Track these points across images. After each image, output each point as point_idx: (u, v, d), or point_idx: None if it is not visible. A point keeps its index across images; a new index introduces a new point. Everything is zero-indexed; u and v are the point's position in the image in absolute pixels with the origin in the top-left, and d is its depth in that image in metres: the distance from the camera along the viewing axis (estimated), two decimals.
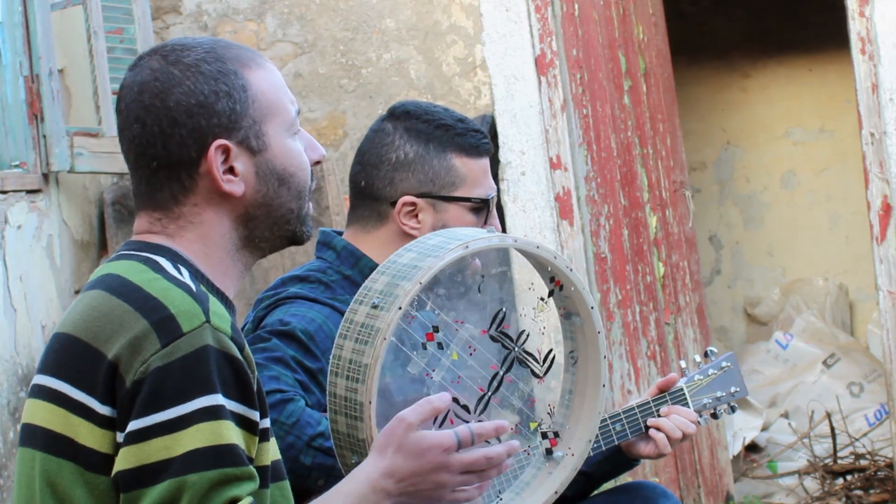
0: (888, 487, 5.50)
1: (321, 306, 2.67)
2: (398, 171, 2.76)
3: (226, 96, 1.94)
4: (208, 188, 1.96)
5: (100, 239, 5.01)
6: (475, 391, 2.16)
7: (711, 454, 5.21)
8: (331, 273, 2.77)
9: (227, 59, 1.96)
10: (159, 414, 1.79)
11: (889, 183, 4.58)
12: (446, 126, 2.78)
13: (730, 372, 2.91)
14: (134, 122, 1.95)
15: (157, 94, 1.93)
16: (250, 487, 1.81)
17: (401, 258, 2.11)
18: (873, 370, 6.27)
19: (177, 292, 1.85)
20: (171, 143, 1.93)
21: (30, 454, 1.90)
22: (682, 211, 5.29)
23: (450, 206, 2.77)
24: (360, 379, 2.01)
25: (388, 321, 2.02)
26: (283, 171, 2.00)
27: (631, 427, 2.79)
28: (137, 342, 1.81)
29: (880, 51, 4.55)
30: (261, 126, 1.97)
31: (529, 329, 2.27)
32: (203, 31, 5.28)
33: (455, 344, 2.16)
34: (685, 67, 6.98)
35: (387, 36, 5.13)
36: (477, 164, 2.79)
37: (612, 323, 4.85)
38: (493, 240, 2.13)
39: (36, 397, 1.91)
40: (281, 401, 2.48)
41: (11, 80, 4.50)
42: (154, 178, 1.96)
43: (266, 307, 2.72)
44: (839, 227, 7.39)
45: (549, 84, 4.78)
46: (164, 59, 1.96)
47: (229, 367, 1.83)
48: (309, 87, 5.18)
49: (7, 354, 4.22)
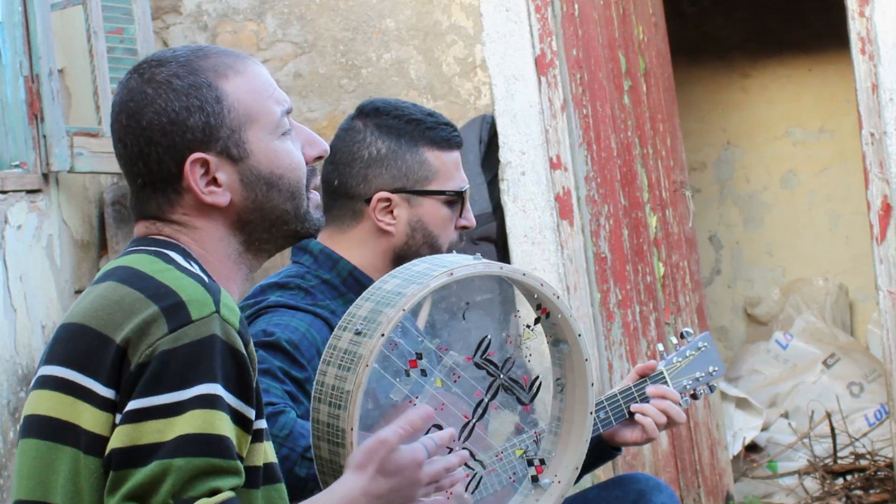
0: (888, 487, 5.50)
1: (303, 314, 2.66)
2: (371, 167, 2.76)
3: (198, 110, 1.96)
4: (194, 200, 1.98)
5: (100, 239, 5.01)
6: (459, 418, 2.16)
7: (711, 454, 5.21)
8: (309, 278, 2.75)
9: (200, 72, 1.98)
10: (158, 396, 1.80)
11: (889, 183, 4.58)
12: (417, 121, 2.78)
13: (707, 352, 2.92)
14: (117, 142, 2.00)
15: (133, 115, 1.97)
16: (234, 482, 1.81)
17: (385, 284, 2.11)
18: (873, 370, 6.26)
19: (188, 281, 1.87)
20: (151, 161, 1.96)
21: (32, 444, 1.90)
22: (682, 211, 5.29)
23: (424, 200, 2.77)
24: (343, 405, 2.02)
25: (370, 348, 2.02)
26: (270, 175, 2.00)
27: (614, 414, 2.78)
28: (146, 326, 1.83)
29: (880, 51, 4.55)
30: (240, 134, 1.98)
31: (514, 356, 2.27)
32: (203, 31, 5.28)
33: (439, 371, 2.16)
34: (685, 67, 6.98)
35: (387, 36, 5.13)
36: (449, 157, 2.80)
37: (612, 323, 4.85)
38: (479, 267, 2.12)
39: (41, 388, 1.91)
40: (273, 413, 2.47)
41: (11, 80, 4.50)
42: (142, 193, 2.00)
43: (247, 317, 2.71)
44: (839, 227, 7.39)
45: (549, 84, 4.78)
46: (140, 78, 1.98)
47: (233, 360, 1.84)
48: (309, 87, 5.18)
49: (7, 354, 4.22)
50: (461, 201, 2.80)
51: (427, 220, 2.77)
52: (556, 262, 4.75)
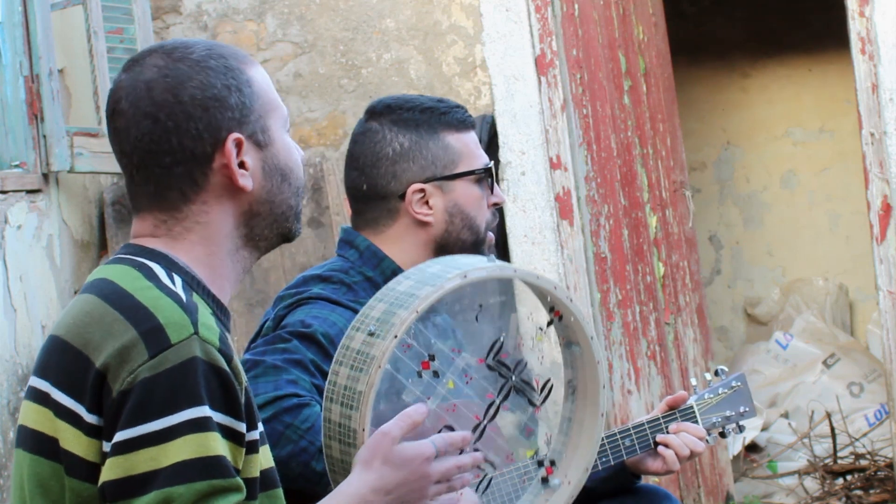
0: (888, 487, 5.50)
1: (343, 309, 2.66)
2: (398, 163, 2.76)
3: (236, 90, 1.95)
4: (220, 184, 1.96)
5: (100, 239, 5.01)
6: (470, 419, 2.16)
7: (711, 454, 5.21)
8: (353, 274, 2.75)
9: (228, 56, 1.98)
10: (146, 425, 1.79)
11: (889, 183, 4.58)
12: (430, 108, 2.79)
13: (740, 392, 2.93)
14: (143, 119, 1.93)
15: (169, 90, 1.93)
16: (237, 499, 1.81)
17: (399, 286, 2.11)
18: (873, 370, 6.26)
19: (167, 302, 1.85)
20: (186, 137, 1.93)
21: (22, 456, 1.91)
22: (682, 211, 5.29)
23: (456, 184, 2.77)
24: (355, 406, 2.02)
25: (383, 349, 2.02)
26: (285, 167, 2.01)
27: (640, 442, 2.80)
28: (125, 351, 1.81)
29: (880, 51, 4.55)
30: (265, 121, 1.99)
31: (527, 358, 2.27)
32: (203, 31, 5.28)
33: (451, 372, 2.16)
34: (685, 67, 6.98)
35: (387, 36, 5.13)
36: (468, 136, 2.81)
37: (612, 323, 4.85)
38: (493, 269, 2.12)
39: (28, 399, 1.92)
40: (297, 405, 2.47)
41: (11, 80, 4.51)
42: (165, 177, 1.95)
43: (287, 306, 2.71)
44: (839, 227, 7.39)
45: (549, 84, 4.78)
46: (169, 57, 1.95)
47: (216, 379, 1.83)
48: (309, 87, 5.18)
49: (7, 354, 4.22)
50: (490, 178, 2.81)
51: (462, 203, 2.77)
52: (556, 262, 4.75)
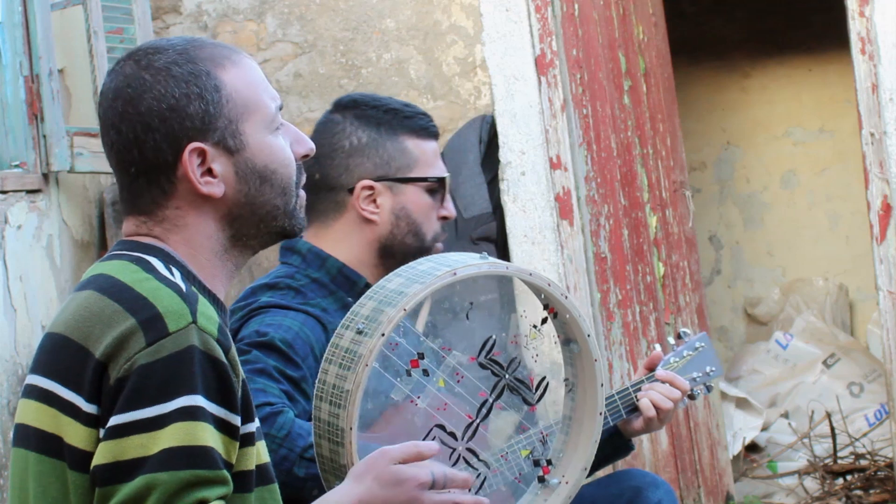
0: (888, 487, 5.50)
1: (295, 313, 2.67)
2: (352, 157, 2.78)
3: (198, 98, 1.93)
4: (188, 191, 1.95)
5: (100, 239, 5.01)
6: (463, 418, 2.16)
7: (711, 454, 5.21)
8: (299, 277, 2.76)
9: (199, 60, 1.96)
10: (140, 411, 1.79)
11: (889, 183, 4.58)
12: (395, 110, 2.80)
13: (704, 352, 2.93)
14: (110, 129, 1.95)
15: (130, 101, 1.93)
16: (221, 492, 1.81)
17: (389, 283, 2.11)
18: (873, 370, 6.26)
19: (166, 292, 1.85)
20: (147, 148, 1.93)
21: (23, 454, 1.90)
22: (682, 211, 5.29)
23: (407, 187, 2.78)
24: (343, 405, 2.02)
25: (370, 347, 2.02)
26: (265, 169, 1.99)
27: (625, 405, 2.80)
28: (124, 339, 1.82)
29: (880, 51, 4.55)
30: (237, 125, 1.96)
31: (521, 356, 2.26)
32: (203, 31, 5.28)
33: (441, 371, 2.16)
34: (685, 67, 6.98)
35: (387, 36, 5.13)
36: (428, 145, 2.82)
37: (612, 323, 4.85)
38: (484, 267, 2.11)
39: (28, 397, 1.92)
40: (270, 414, 2.48)
41: (11, 80, 4.50)
42: (134, 184, 1.96)
43: (240, 318, 2.71)
44: (839, 227, 7.39)
45: (549, 84, 4.78)
46: (137, 64, 1.95)
47: (213, 370, 1.83)
48: (309, 87, 5.18)
49: (7, 354, 4.22)
50: (442, 190, 2.81)
51: (410, 208, 2.79)
52: (556, 262, 4.75)
